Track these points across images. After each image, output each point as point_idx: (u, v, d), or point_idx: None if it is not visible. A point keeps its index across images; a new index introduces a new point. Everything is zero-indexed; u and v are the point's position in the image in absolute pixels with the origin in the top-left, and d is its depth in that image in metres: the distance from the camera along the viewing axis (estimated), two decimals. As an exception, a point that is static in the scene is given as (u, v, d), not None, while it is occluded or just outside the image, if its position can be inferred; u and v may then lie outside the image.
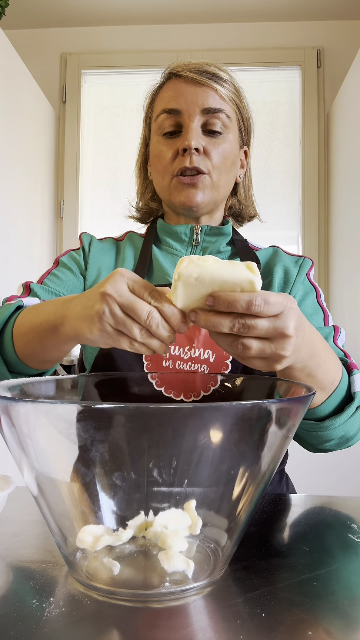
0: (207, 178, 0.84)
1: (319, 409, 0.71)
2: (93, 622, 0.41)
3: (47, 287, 0.88)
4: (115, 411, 0.43)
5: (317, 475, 1.73)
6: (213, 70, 0.84)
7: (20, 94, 2.03)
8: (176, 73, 0.85)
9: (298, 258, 0.92)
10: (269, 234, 2.42)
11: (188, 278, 0.51)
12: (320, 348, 0.64)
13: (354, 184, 2.00)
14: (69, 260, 0.93)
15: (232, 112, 0.86)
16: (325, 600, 0.45)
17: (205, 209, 0.87)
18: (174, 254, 0.91)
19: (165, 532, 0.47)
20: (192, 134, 0.82)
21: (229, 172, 0.87)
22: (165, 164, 0.86)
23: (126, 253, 0.93)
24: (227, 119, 0.85)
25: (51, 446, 0.46)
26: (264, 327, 0.51)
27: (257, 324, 0.51)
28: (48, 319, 0.65)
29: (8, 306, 0.76)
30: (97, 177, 2.56)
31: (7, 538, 0.58)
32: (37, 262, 2.24)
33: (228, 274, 0.51)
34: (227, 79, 0.86)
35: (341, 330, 0.85)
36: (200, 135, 0.84)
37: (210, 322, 0.52)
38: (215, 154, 0.84)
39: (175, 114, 0.84)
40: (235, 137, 0.88)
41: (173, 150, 0.85)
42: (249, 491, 0.47)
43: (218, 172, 0.85)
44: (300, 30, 2.47)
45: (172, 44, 2.49)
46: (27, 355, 0.71)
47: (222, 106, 0.84)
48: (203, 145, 0.83)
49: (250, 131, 0.93)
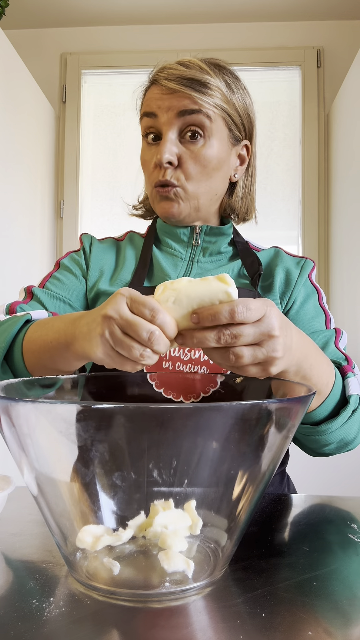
0: (179, 190, 0.83)
1: (315, 412, 0.71)
2: (93, 622, 0.41)
3: (50, 291, 0.87)
4: (115, 411, 0.43)
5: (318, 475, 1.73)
6: (192, 75, 0.80)
7: (20, 94, 2.03)
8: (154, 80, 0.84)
9: (300, 259, 0.91)
10: (269, 234, 2.42)
11: (166, 303, 0.53)
12: (312, 350, 0.64)
13: (354, 184, 2.00)
14: (70, 263, 0.93)
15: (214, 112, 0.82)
16: (325, 600, 0.45)
17: (187, 218, 0.86)
18: (174, 254, 0.91)
19: (165, 532, 0.47)
20: (166, 147, 0.81)
21: (209, 178, 0.84)
22: (148, 174, 0.86)
23: (127, 253, 0.93)
24: (206, 120, 0.81)
25: (51, 446, 0.46)
26: (251, 332, 0.52)
27: (243, 331, 0.51)
28: (59, 338, 0.65)
29: (16, 319, 0.74)
30: (97, 177, 2.56)
31: (7, 538, 0.58)
32: (37, 262, 2.24)
33: (202, 290, 0.53)
34: (207, 81, 0.81)
35: (343, 332, 0.85)
36: (175, 145, 0.82)
37: (197, 339, 0.53)
38: (191, 164, 0.82)
39: (153, 117, 0.83)
40: (220, 139, 0.84)
41: (153, 160, 0.84)
42: (249, 491, 0.47)
43: (194, 182, 0.83)
44: (300, 30, 2.47)
45: (172, 44, 2.49)
46: (37, 370, 0.71)
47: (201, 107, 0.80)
48: (178, 154, 0.82)
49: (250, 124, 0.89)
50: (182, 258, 0.90)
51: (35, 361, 0.70)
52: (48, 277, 0.91)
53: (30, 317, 0.76)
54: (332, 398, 0.71)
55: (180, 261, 0.90)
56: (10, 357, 0.73)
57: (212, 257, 0.90)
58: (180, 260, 0.90)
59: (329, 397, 0.71)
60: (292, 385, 0.58)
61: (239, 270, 0.89)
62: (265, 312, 0.52)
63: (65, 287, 0.89)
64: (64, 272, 0.91)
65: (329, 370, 0.70)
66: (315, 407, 0.71)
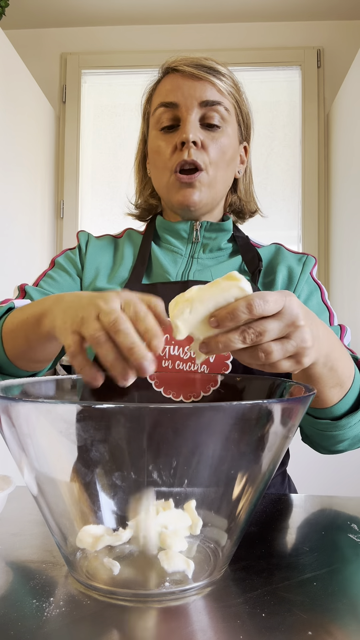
0: (204, 175, 0.83)
1: (337, 407, 0.69)
2: (93, 622, 0.41)
3: (42, 289, 0.87)
4: (115, 411, 0.43)
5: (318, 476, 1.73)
6: (211, 64, 0.84)
7: (20, 94, 2.03)
8: (174, 68, 0.85)
9: (301, 256, 0.91)
10: (269, 233, 2.42)
11: (182, 315, 0.50)
12: (336, 340, 0.63)
13: (354, 184, 1.99)
14: (65, 261, 0.93)
15: (230, 105, 0.85)
16: (325, 600, 0.45)
17: (203, 208, 0.87)
18: (174, 251, 0.90)
19: (165, 532, 0.47)
20: (190, 127, 0.82)
21: (226, 167, 0.86)
22: (164, 160, 0.85)
23: (125, 251, 0.92)
24: (225, 112, 0.84)
25: (51, 446, 0.46)
26: (275, 326, 0.49)
27: (267, 326, 0.49)
28: (34, 312, 0.64)
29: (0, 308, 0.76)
30: (97, 177, 2.56)
31: (7, 538, 0.58)
32: (36, 262, 2.24)
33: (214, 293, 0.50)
34: (225, 72, 0.85)
35: (347, 329, 0.85)
36: (198, 129, 0.83)
37: (222, 344, 0.49)
38: (213, 148, 0.83)
39: (173, 108, 0.83)
40: (234, 131, 0.87)
41: (171, 145, 0.84)
42: (249, 491, 0.47)
43: (215, 168, 0.84)
44: (300, 30, 2.47)
45: (172, 44, 2.49)
46: (14, 354, 0.71)
47: (221, 99, 0.84)
48: (201, 138, 0.83)
49: (250, 127, 0.93)
50: (181, 254, 0.90)
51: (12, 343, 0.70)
52: (42, 276, 0.91)
53: (13, 305, 0.76)
54: (353, 391, 0.70)
55: (180, 257, 0.90)
56: None
57: (212, 253, 0.90)
58: (180, 257, 0.90)
59: (350, 390, 0.69)
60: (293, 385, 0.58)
61: (240, 266, 0.89)
62: (284, 302, 0.50)
63: (58, 286, 0.89)
64: (58, 271, 0.91)
65: (350, 363, 0.69)
66: (337, 401, 0.69)
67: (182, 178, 0.83)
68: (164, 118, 0.85)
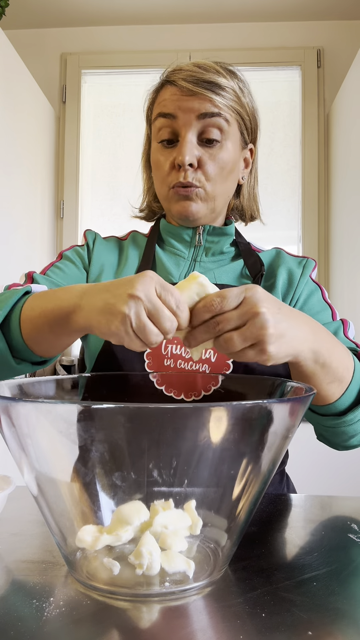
0: (201, 191, 0.83)
1: (339, 402, 0.69)
2: (93, 622, 0.41)
3: (50, 278, 0.88)
4: (115, 411, 0.43)
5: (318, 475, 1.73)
6: (210, 77, 0.81)
7: (20, 94, 2.03)
8: (171, 81, 0.83)
9: (301, 259, 0.92)
10: (269, 234, 2.42)
11: None
12: (325, 334, 0.63)
13: (354, 184, 2.00)
14: (72, 254, 0.93)
15: (230, 118, 0.83)
16: (325, 600, 0.45)
17: (202, 219, 0.87)
18: (177, 254, 0.91)
19: (165, 532, 0.47)
20: (187, 148, 0.81)
21: (225, 180, 0.85)
22: (163, 175, 0.85)
23: (129, 253, 0.93)
24: (225, 124, 0.82)
25: (51, 446, 0.46)
26: (233, 315, 0.54)
27: (225, 315, 0.54)
28: (61, 306, 0.64)
29: (15, 291, 0.74)
30: (97, 177, 2.56)
31: (7, 538, 0.58)
32: (37, 262, 2.24)
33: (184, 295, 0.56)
34: (224, 84, 0.82)
35: (350, 323, 0.85)
36: (195, 147, 0.82)
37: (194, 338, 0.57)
38: (210, 166, 0.83)
39: (171, 119, 0.82)
40: (234, 142, 0.86)
41: (170, 161, 0.84)
42: (249, 491, 0.47)
43: (213, 184, 0.83)
44: (300, 30, 2.47)
45: (172, 44, 2.49)
46: (34, 340, 0.70)
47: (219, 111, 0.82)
48: (198, 157, 0.82)
49: (256, 128, 0.91)
50: (184, 258, 0.90)
51: (32, 329, 0.69)
52: (50, 266, 0.91)
53: (30, 289, 0.75)
54: (354, 384, 0.69)
55: (182, 261, 0.90)
56: (7, 326, 0.71)
57: (215, 257, 0.91)
58: (182, 260, 0.90)
59: (351, 384, 0.69)
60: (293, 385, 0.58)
61: (241, 270, 0.89)
62: (244, 295, 0.54)
63: (65, 276, 0.89)
64: (66, 262, 0.91)
65: (347, 355, 0.68)
66: (339, 396, 0.69)
67: (179, 191, 0.83)
68: (163, 131, 0.84)
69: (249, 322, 0.54)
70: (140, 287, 0.54)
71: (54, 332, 0.66)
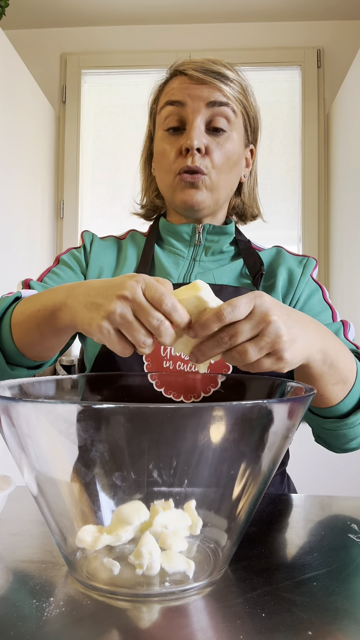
0: (206, 179, 0.83)
1: (342, 404, 0.69)
2: (93, 622, 0.41)
3: (47, 284, 0.88)
4: (115, 411, 0.43)
5: (318, 475, 1.73)
6: (219, 69, 0.83)
7: (20, 94, 2.03)
8: (182, 71, 0.84)
9: (302, 258, 0.92)
10: (269, 233, 2.42)
11: None
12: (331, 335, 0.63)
13: (354, 184, 2.00)
14: (69, 259, 0.93)
15: (237, 109, 0.85)
16: (325, 600, 0.45)
17: (206, 209, 0.87)
18: (176, 253, 0.91)
19: (165, 532, 0.47)
20: (195, 133, 0.82)
21: (229, 172, 0.86)
22: (169, 162, 0.85)
23: (128, 252, 0.93)
24: (232, 114, 0.84)
25: (51, 446, 0.46)
26: (246, 327, 0.52)
27: (238, 327, 0.52)
28: (47, 305, 0.64)
29: (6, 298, 0.76)
30: (97, 177, 2.56)
31: (7, 538, 0.58)
32: (37, 262, 2.24)
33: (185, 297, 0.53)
34: (233, 77, 0.84)
35: (350, 324, 0.85)
36: (203, 134, 0.83)
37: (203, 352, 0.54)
38: (217, 154, 0.83)
39: (179, 106, 0.83)
40: (239, 135, 0.87)
41: (176, 148, 0.84)
42: (249, 491, 0.47)
43: (217, 172, 0.84)
44: (300, 30, 2.47)
45: (172, 44, 2.49)
46: (25, 344, 0.71)
47: (228, 101, 0.83)
48: (205, 144, 0.83)
49: (257, 129, 0.92)
50: (184, 257, 0.90)
51: (22, 333, 0.70)
52: (47, 272, 0.91)
53: (20, 294, 0.76)
54: (357, 386, 0.69)
55: (182, 260, 0.90)
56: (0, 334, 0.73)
57: (214, 256, 0.91)
58: (182, 259, 0.90)
59: (355, 386, 0.69)
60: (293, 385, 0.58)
61: (241, 269, 0.89)
62: (254, 303, 0.52)
63: (62, 282, 0.89)
64: (63, 268, 0.91)
65: (351, 356, 0.68)
66: (343, 398, 0.68)
67: (185, 177, 0.83)
68: (170, 118, 0.85)
69: (262, 331, 0.52)
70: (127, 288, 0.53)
71: (42, 332, 0.67)
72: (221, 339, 0.52)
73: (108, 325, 0.53)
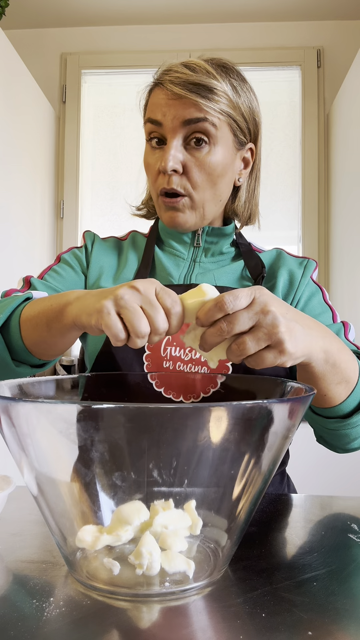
0: (187, 200, 0.82)
1: (345, 404, 0.69)
2: (93, 622, 0.41)
3: (47, 282, 0.88)
4: (115, 411, 0.43)
5: (318, 475, 1.73)
6: (198, 79, 0.78)
7: (20, 94, 2.03)
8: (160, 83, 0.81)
9: (302, 260, 0.91)
10: (269, 234, 2.42)
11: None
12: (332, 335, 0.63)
13: (354, 184, 2.00)
14: (70, 258, 0.93)
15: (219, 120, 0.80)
16: (325, 600, 0.45)
17: (193, 227, 0.86)
18: (176, 255, 0.91)
19: (165, 532, 0.47)
20: (170, 154, 0.79)
21: (214, 185, 0.82)
22: (152, 180, 0.84)
23: (129, 253, 0.93)
24: (212, 128, 0.79)
25: (51, 446, 0.46)
26: (245, 315, 0.53)
27: (236, 315, 0.53)
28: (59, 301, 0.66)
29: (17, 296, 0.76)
30: (97, 177, 2.56)
31: (7, 538, 0.58)
32: (37, 262, 2.24)
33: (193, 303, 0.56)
34: (214, 86, 0.78)
35: (351, 325, 0.85)
36: (181, 152, 0.80)
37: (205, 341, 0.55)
38: (196, 172, 0.80)
39: (158, 125, 0.81)
40: (225, 145, 0.82)
41: (157, 166, 0.82)
42: (249, 491, 0.47)
43: (199, 191, 0.81)
44: (300, 30, 2.47)
45: (172, 44, 2.49)
46: (33, 341, 0.71)
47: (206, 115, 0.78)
48: (183, 162, 0.80)
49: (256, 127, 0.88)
50: (184, 258, 0.90)
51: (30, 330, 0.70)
52: (47, 270, 0.91)
53: (31, 295, 0.77)
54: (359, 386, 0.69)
55: (182, 261, 0.90)
56: (7, 329, 0.73)
57: (214, 257, 0.90)
58: (182, 261, 0.90)
59: (357, 385, 0.69)
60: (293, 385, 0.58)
61: (241, 271, 0.89)
62: (254, 295, 0.54)
63: (63, 281, 0.89)
64: (64, 266, 0.91)
65: (352, 356, 0.68)
66: (345, 398, 0.68)
67: (166, 202, 0.82)
68: (151, 133, 0.83)
69: (259, 322, 0.53)
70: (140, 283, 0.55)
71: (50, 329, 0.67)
72: (220, 327, 0.54)
73: (110, 305, 0.54)
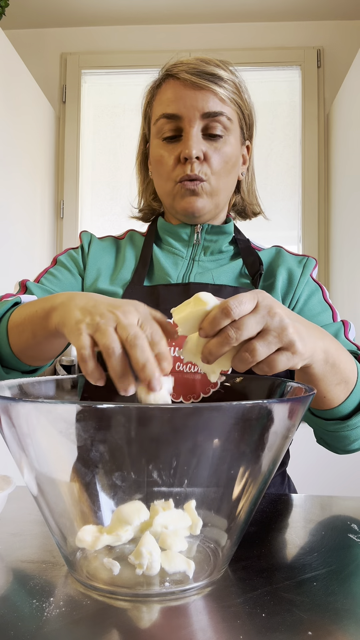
0: (206, 185, 0.84)
1: (344, 405, 0.69)
2: (93, 622, 0.41)
3: (43, 285, 0.88)
4: (115, 411, 0.43)
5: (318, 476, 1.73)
6: (212, 70, 0.82)
7: (20, 94, 2.03)
8: (174, 74, 0.84)
9: (302, 258, 0.91)
10: (269, 233, 2.42)
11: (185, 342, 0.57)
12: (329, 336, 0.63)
13: (354, 184, 2.00)
14: (67, 260, 0.93)
15: (233, 113, 0.85)
16: (325, 600, 0.45)
17: (207, 215, 0.87)
18: (175, 253, 0.91)
19: (165, 532, 0.47)
20: (193, 142, 0.81)
21: (228, 175, 0.86)
22: (168, 170, 0.85)
23: (127, 252, 0.92)
24: (227, 122, 0.84)
25: (51, 446, 0.46)
26: (252, 320, 0.51)
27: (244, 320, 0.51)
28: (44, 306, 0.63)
29: (5, 302, 0.76)
30: (97, 177, 2.56)
31: (7, 538, 0.58)
32: (37, 262, 2.24)
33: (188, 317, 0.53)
34: (226, 77, 0.83)
35: (351, 324, 0.85)
36: (200, 141, 0.83)
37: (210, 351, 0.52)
38: (215, 160, 0.83)
39: (175, 119, 0.83)
40: (236, 137, 0.87)
41: (174, 156, 0.84)
42: (249, 491, 0.47)
43: (217, 177, 0.84)
44: (300, 30, 2.47)
45: (172, 44, 2.49)
46: (20, 348, 0.70)
47: (223, 109, 0.83)
48: (203, 150, 0.83)
49: (252, 125, 0.92)
50: (183, 257, 0.90)
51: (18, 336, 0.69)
52: (44, 273, 0.91)
53: (19, 300, 0.76)
54: (358, 387, 0.69)
55: (181, 260, 0.90)
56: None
57: (213, 256, 0.90)
58: (181, 259, 0.90)
59: (356, 386, 0.68)
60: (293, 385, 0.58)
61: (240, 269, 0.89)
62: (257, 298, 0.52)
63: (59, 283, 0.89)
64: (60, 269, 0.91)
65: (350, 357, 0.68)
66: (344, 399, 0.68)
67: (187, 185, 0.83)
68: (166, 129, 0.84)
69: (268, 325, 0.52)
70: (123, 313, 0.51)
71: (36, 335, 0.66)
72: (227, 335, 0.51)
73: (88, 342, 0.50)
